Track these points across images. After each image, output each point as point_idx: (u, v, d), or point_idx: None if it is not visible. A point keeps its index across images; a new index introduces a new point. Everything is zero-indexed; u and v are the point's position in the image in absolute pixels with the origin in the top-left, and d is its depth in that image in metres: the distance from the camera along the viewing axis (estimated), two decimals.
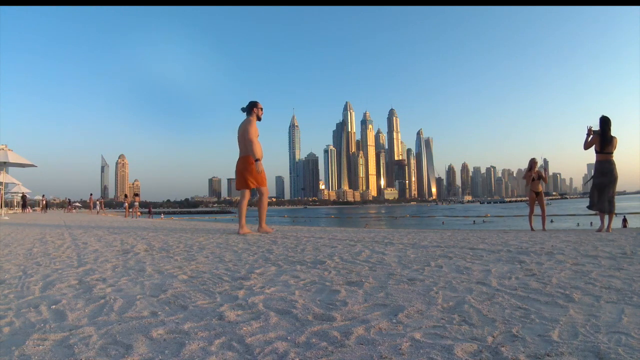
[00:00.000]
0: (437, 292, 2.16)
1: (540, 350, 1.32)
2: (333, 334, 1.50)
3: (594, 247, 4.18)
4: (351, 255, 3.67)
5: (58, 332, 1.59)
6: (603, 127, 6.86)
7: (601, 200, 6.81)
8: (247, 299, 2.05)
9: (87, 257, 3.86)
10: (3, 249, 4.64)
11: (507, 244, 4.61)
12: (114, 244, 5.09)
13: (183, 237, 6.01)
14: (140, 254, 4.04)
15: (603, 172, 6.82)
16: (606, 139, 6.81)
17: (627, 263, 3.05)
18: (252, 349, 1.38)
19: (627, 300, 1.94)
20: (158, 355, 1.33)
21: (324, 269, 2.98)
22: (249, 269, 3.04)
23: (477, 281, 2.44)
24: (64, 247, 4.84)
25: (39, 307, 1.96)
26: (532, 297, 2.02)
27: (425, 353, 1.31)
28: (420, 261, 3.28)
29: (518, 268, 2.89)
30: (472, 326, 1.58)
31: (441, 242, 4.93)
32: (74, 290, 2.37)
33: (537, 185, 9.16)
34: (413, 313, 1.78)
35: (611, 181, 6.74)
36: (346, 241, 5.09)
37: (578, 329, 1.52)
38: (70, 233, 7.35)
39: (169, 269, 3.05)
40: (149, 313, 1.84)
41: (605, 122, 6.84)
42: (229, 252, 4.15)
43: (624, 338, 1.43)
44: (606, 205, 6.78)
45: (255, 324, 1.65)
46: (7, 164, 17.55)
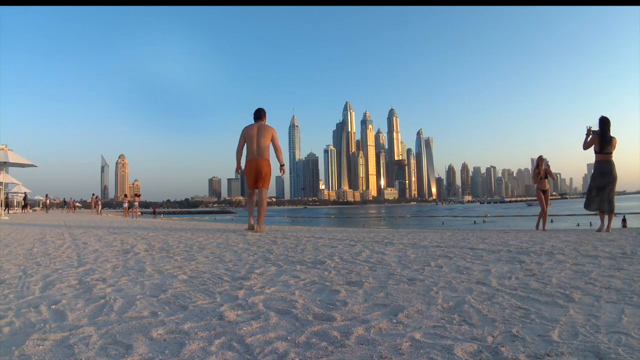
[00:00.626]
0: (437, 292, 2.17)
1: (540, 350, 1.32)
2: (333, 334, 1.50)
3: (594, 247, 4.18)
4: (351, 255, 3.67)
5: (58, 332, 1.59)
6: (602, 127, 6.90)
7: (601, 200, 6.84)
8: (247, 299, 2.05)
9: (87, 257, 3.86)
10: (3, 249, 4.64)
11: (507, 244, 4.61)
12: (114, 244, 5.09)
13: (183, 237, 6.01)
14: (140, 254, 4.04)
15: (602, 172, 6.86)
16: (605, 139, 6.85)
17: (627, 263, 3.06)
18: (252, 349, 1.38)
19: (627, 300, 1.94)
20: (158, 355, 1.33)
21: (324, 269, 2.98)
22: (249, 269, 3.04)
23: (477, 281, 2.44)
24: (64, 247, 4.84)
25: (39, 307, 1.96)
26: (532, 297, 2.02)
27: (425, 353, 1.31)
28: (420, 261, 3.29)
29: (518, 268, 2.89)
30: (472, 326, 1.58)
31: (441, 242, 4.93)
32: (74, 290, 2.37)
33: (545, 183, 9.17)
34: (413, 313, 1.78)
35: (610, 181, 6.78)
36: (346, 241, 5.09)
37: (578, 329, 1.52)
38: (70, 233, 7.35)
39: (169, 269, 3.05)
40: (149, 313, 1.84)
41: (605, 122, 6.89)
42: (229, 252, 4.15)
43: (624, 338, 1.43)
44: (606, 205, 6.81)
45: (255, 324, 1.65)
46: (7, 164, 17.54)
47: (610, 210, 6.71)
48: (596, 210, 6.97)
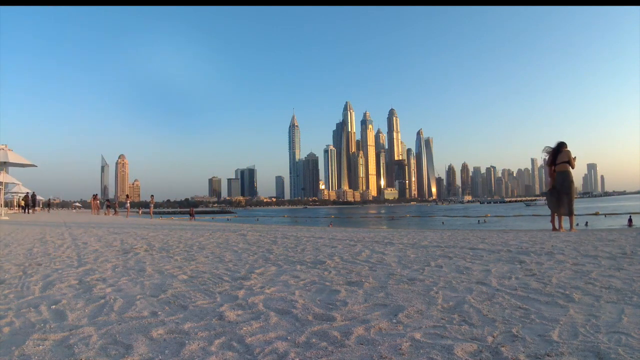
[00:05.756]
0: (437, 292, 2.17)
1: (540, 350, 1.32)
2: (333, 334, 1.50)
3: (594, 247, 4.18)
4: (351, 255, 3.68)
5: (58, 332, 1.59)
6: (556, 147, 7.68)
7: (560, 204, 7.47)
8: (247, 299, 2.05)
9: (87, 257, 3.86)
10: (3, 249, 4.64)
11: (507, 244, 4.61)
12: (114, 244, 5.10)
13: (183, 237, 6.01)
14: (140, 254, 4.04)
15: (559, 181, 7.49)
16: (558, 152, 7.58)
17: (627, 263, 3.06)
18: (252, 349, 1.38)
19: (627, 300, 1.94)
20: (158, 355, 1.33)
21: (324, 269, 2.99)
22: (249, 269, 3.04)
23: (477, 281, 2.44)
24: (64, 247, 4.84)
25: (39, 307, 1.96)
26: (532, 297, 2.02)
27: (425, 353, 1.31)
28: (420, 261, 3.29)
29: (518, 268, 2.89)
30: (472, 326, 1.58)
31: (441, 242, 4.93)
32: (74, 290, 2.37)
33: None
34: (413, 313, 1.78)
35: (568, 187, 7.39)
36: (346, 241, 5.09)
37: (578, 329, 1.52)
38: (70, 233, 7.35)
39: (169, 269, 3.05)
40: (149, 313, 1.84)
41: (558, 144, 7.68)
42: (229, 252, 4.15)
43: (624, 338, 1.43)
44: (566, 209, 7.42)
45: (255, 324, 1.65)
46: (7, 164, 17.55)
47: (570, 212, 7.30)
48: (558, 213, 7.55)
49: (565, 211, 7.33)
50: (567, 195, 7.27)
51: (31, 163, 18.50)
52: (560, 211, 7.39)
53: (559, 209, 7.39)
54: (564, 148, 7.50)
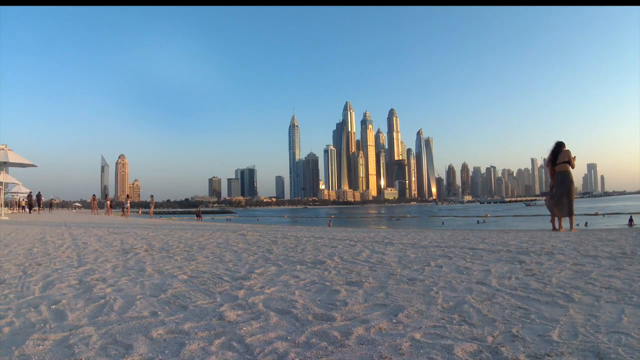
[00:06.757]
0: (437, 292, 2.17)
1: (540, 350, 1.32)
2: (333, 334, 1.50)
3: (594, 247, 4.18)
4: (351, 255, 3.68)
5: (58, 332, 1.59)
6: (555, 148, 7.70)
7: (561, 205, 7.48)
8: (247, 299, 2.05)
9: (87, 257, 3.86)
10: (3, 249, 4.64)
11: (507, 244, 4.61)
12: (114, 244, 5.10)
13: (183, 237, 6.01)
14: (140, 254, 4.04)
15: (559, 181, 7.51)
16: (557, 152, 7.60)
17: (627, 263, 3.06)
18: (252, 349, 1.38)
19: (627, 300, 1.95)
20: (158, 355, 1.33)
21: (324, 269, 2.99)
22: (249, 269, 3.05)
23: (477, 281, 2.44)
24: (64, 247, 4.84)
25: (39, 307, 1.96)
26: (532, 297, 2.03)
27: (425, 353, 1.31)
28: (420, 261, 3.29)
29: (518, 268, 2.89)
30: (472, 326, 1.58)
31: (441, 242, 4.94)
32: (74, 290, 2.37)
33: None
34: (413, 313, 1.78)
35: (568, 187, 7.40)
36: (346, 241, 5.10)
37: (578, 329, 1.52)
38: (70, 233, 7.35)
39: (169, 269, 3.05)
40: (149, 313, 1.84)
41: (557, 144, 7.71)
42: (229, 252, 4.15)
43: (624, 338, 1.43)
44: (566, 210, 7.42)
45: (255, 324, 1.65)
46: (7, 164, 17.55)
47: (570, 213, 7.30)
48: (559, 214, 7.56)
49: (564, 212, 7.34)
50: (567, 195, 7.29)
51: (31, 163, 18.49)
52: (559, 212, 7.40)
53: (558, 210, 7.40)
54: (563, 148, 7.53)
